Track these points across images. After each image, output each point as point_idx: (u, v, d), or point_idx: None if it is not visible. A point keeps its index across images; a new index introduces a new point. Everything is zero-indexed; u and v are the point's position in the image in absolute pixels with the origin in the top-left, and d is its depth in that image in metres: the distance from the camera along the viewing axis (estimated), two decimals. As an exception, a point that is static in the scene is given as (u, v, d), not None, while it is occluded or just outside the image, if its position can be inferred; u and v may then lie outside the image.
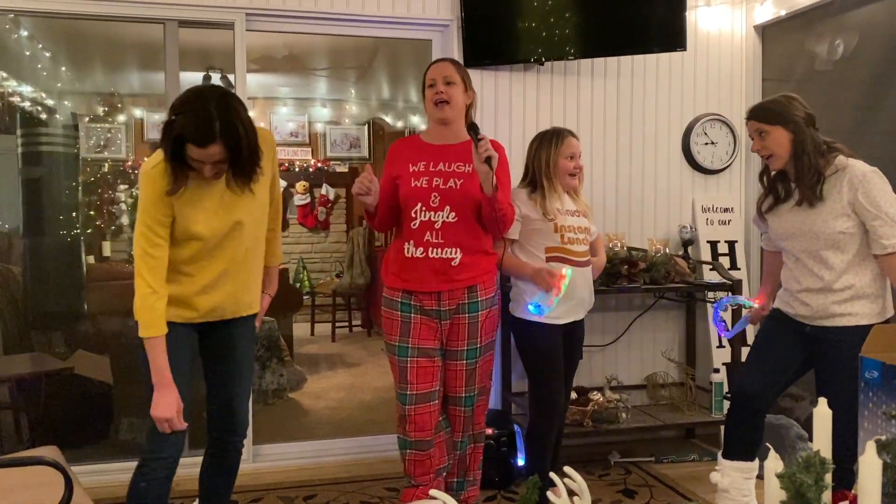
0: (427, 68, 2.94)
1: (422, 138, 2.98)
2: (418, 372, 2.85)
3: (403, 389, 2.85)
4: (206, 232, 2.28)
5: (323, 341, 7.21)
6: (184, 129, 2.10)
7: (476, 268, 2.86)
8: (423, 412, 2.86)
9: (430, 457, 2.91)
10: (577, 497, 1.28)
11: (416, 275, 2.82)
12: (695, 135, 4.12)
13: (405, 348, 2.85)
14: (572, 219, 3.04)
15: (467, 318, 2.87)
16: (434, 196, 2.80)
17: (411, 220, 2.80)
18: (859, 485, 1.10)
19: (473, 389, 2.93)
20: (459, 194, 2.80)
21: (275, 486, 3.49)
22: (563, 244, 2.99)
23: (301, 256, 8.15)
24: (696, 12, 4.08)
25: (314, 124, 8.20)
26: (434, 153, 2.87)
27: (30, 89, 5.00)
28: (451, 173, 2.83)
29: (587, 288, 3.07)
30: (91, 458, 3.63)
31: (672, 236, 4.12)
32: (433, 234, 2.80)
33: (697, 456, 3.84)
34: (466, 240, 2.83)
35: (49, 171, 4.71)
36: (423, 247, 2.80)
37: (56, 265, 4.66)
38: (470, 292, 2.86)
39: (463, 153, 2.85)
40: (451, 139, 2.91)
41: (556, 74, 3.96)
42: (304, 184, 8.04)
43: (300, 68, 6.57)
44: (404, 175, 2.84)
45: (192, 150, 2.12)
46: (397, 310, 2.87)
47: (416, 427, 2.85)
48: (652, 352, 4.14)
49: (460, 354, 2.89)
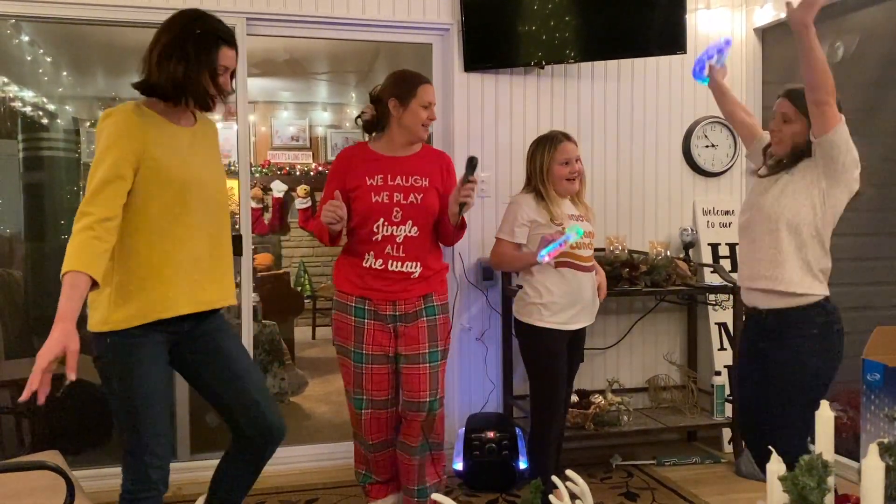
0: (416, 83, 2.85)
1: (371, 148, 2.92)
2: (374, 379, 2.87)
3: (359, 395, 2.89)
4: (183, 177, 2.09)
5: (324, 345, 7.20)
6: (218, 31, 2.12)
7: (432, 279, 2.90)
8: (379, 416, 2.91)
9: (391, 455, 2.98)
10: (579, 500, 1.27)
11: (375, 285, 2.83)
12: (695, 137, 4.12)
13: (360, 354, 2.86)
14: (578, 223, 3.03)
15: (426, 322, 2.87)
16: (396, 211, 2.80)
17: (373, 234, 2.80)
18: (862, 488, 1.10)
19: (436, 394, 2.88)
20: (421, 209, 2.82)
21: (276, 489, 3.48)
22: (570, 249, 2.97)
23: (302, 260, 8.15)
24: (695, 15, 4.09)
25: (315, 128, 8.21)
26: (389, 165, 2.85)
27: (31, 94, 5.01)
28: (411, 188, 2.82)
29: (593, 293, 3.05)
30: (92, 463, 3.63)
31: (673, 239, 4.12)
32: (394, 248, 2.81)
33: (699, 459, 3.83)
34: (425, 254, 2.87)
35: (50, 175, 4.72)
36: (383, 259, 2.81)
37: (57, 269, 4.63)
38: (425, 298, 2.88)
39: (417, 165, 2.87)
40: (404, 151, 2.89)
41: (557, 78, 3.96)
42: (305, 188, 8.03)
43: (301, 72, 6.58)
44: (362, 187, 2.81)
45: (226, 55, 2.12)
46: (350, 314, 2.86)
47: (373, 430, 2.92)
48: (653, 354, 4.13)
49: (423, 357, 2.86)
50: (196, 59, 2.08)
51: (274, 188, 7.91)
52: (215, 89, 2.13)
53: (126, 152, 2.00)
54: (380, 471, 3.03)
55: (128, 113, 2.06)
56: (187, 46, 2.07)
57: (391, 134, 2.88)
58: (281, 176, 7.97)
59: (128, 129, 2.03)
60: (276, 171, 7.97)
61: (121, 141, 2.01)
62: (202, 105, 2.15)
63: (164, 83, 2.08)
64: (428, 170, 2.87)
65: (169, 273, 2.07)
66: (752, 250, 2.56)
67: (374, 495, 3.05)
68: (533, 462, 3.13)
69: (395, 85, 2.87)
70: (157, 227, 2.06)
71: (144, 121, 2.07)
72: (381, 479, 3.04)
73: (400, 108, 2.82)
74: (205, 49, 2.09)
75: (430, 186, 2.85)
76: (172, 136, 2.13)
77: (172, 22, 2.13)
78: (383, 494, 3.05)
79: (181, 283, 2.09)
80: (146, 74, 2.11)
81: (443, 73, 3.91)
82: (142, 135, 2.04)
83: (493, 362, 3.85)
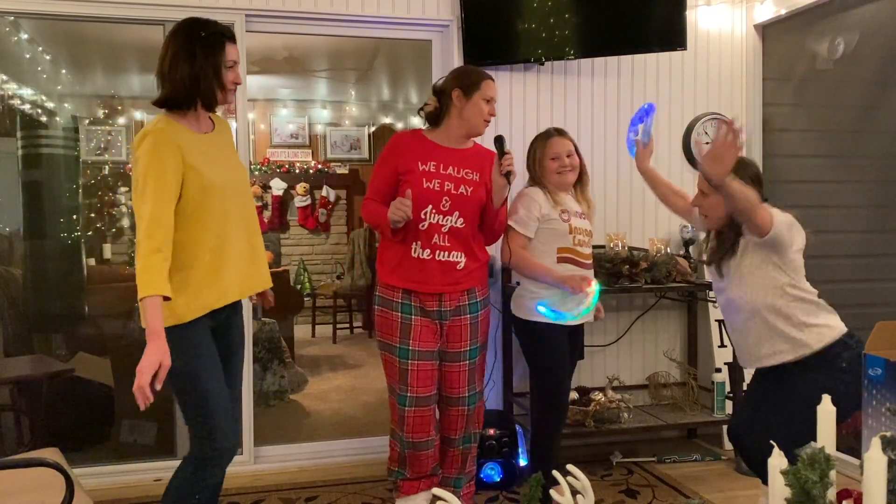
0: (482, 77, 2.87)
1: (427, 136, 2.95)
2: (419, 375, 2.86)
3: (403, 391, 2.87)
4: (220, 180, 2.25)
5: (324, 343, 7.20)
6: (221, 30, 2.26)
7: (476, 272, 2.94)
8: (421, 415, 2.88)
9: (428, 456, 2.95)
10: (581, 496, 1.27)
11: (422, 275, 2.84)
12: (695, 134, 4.12)
13: (406, 350, 2.85)
14: (580, 221, 3.08)
15: (469, 319, 2.92)
16: (445, 200, 2.82)
17: (420, 220, 2.81)
18: (864, 482, 1.09)
19: (475, 388, 2.96)
20: (470, 201, 2.86)
21: (276, 487, 3.48)
22: (573, 245, 3.02)
23: (302, 258, 8.14)
24: (696, 11, 4.08)
25: (314, 126, 8.20)
26: (443, 155, 2.88)
27: (30, 92, 5.00)
28: (462, 179, 2.86)
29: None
30: (92, 461, 3.62)
31: (673, 236, 4.12)
32: (441, 238, 2.83)
33: (700, 456, 3.83)
34: (470, 246, 2.90)
35: (49, 173, 4.71)
36: (430, 248, 2.83)
37: (57, 267, 4.66)
38: (469, 294, 2.92)
39: (471, 160, 2.90)
40: (459, 144, 2.93)
41: (557, 74, 3.95)
42: (304, 185, 8.03)
43: (300, 70, 6.58)
44: (414, 171, 2.83)
45: (231, 50, 2.26)
46: (397, 311, 2.87)
47: (415, 429, 2.88)
48: (654, 351, 4.13)
49: (463, 355, 2.92)
50: (204, 58, 2.22)
51: (273, 186, 7.91)
52: (223, 86, 2.27)
53: (169, 169, 2.15)
54: (415, 468, 2.97)
55: (162, 131, 2.19)
56: (195, 49, 2.21)
57: (449, 125, 2.91)
58: (280, 174, 7.97)
59: (166, 146, 2.16)
60: (276, 169, 7.97)
61: (162, 159, 2.15)
62: (209, 103, 2.29)
63: (178, 90, 2.22)
64: (479, 165, 2.91)
65: (222, 267, 2.25)
66: (743, 337, 2.57)
67: (406, 491, 3.01)
68: (536, 459, 3.13)
69: (461, 77, 2.91)
70: (209, 227, 2.23)
71: (177, 134, 2.21)
72: (414, 477, 3.00)
73: (463, 100, 2.86)
74: (211, 48, 2.23)
75: (479, 181, 2.89)
76: (200, 143, 2.27)
77: (175, 33, 2.27)
78: (414, 491, 3.00)
79: (232, 274, 2.28)
80: (162, 88, 2.26)
81: (442, 69, 3.89)
82: (177, 148, 2.17)
83: (493, 359, 3.85)
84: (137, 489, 3.45)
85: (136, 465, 3.61)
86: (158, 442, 3.86)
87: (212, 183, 2.22)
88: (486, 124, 2.91)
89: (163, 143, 2.16)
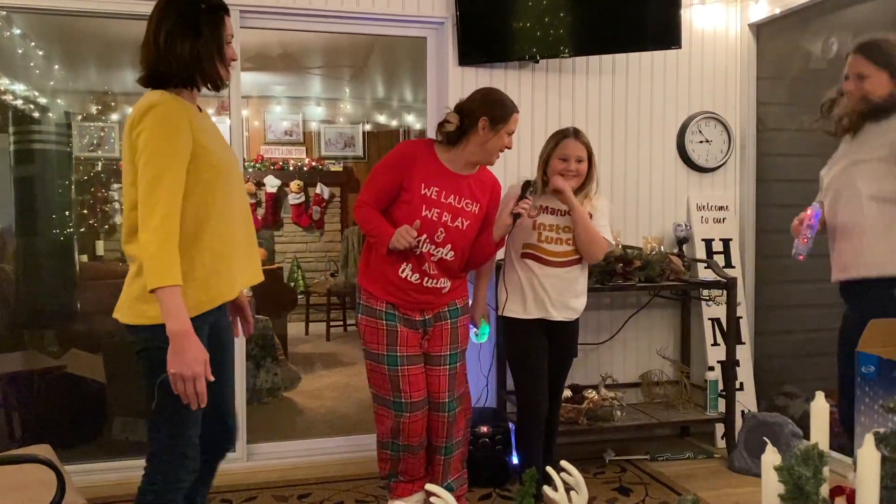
0: (511, 111, 2.81)
1: (438, 154, 2.87)
2: (412, 380, 2.88)
3: (398, 398, 2.87)
4: (223, 158, 2.06)
5: (317, 340, 7.19)
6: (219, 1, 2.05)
7: (458, 289, 3.00)
8: (416, 419, 2.90)
9: (421, 457, 2.97)
10: (574, 492, 1.27)
11: (406, 295, 2.86)
12: (690, 133, 4.12)
13: (395, 357, 2.86)
14: (552, 217, 3.02)
15: (449, 324, 2.96)
16: (441, 232, 2.82)
17: (414, 246, 2.78)
18: (858, 477, 1.10)
19: (455, 394, 2.96)
20: (464, 236, 2.86)
21: (269, 484, 3.47)
22: (537, 242, 2.99)
23: (295, 256, 8.13)
24: (690, 10, 4.08)
25: (309, 123, 8.19)
26: (448, 181, 2.84)
27: (22, 87, 4.98)
28: (461, 211, 2.84)
29: (564, 290, 3.01)
30: (84, 458, 3.61)
31: (667, 234, 4.12)
32: (430, 266, 2.85)
33: (692, 454, 3.83)
34: (456, 272, 2.93)
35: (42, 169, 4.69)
36: (420, 274, 2.84)
37: (49, 264, 4.64)
38: (450, 306, 2.98)
39: (474, 189, 2.89)
40: (467, 170, 2.90)
41: (551, 72, 3.95)
42: (298, 183, 8.02)
43: (295, 67, 6.56)
44: (415, 193, 2.79)
45: (230, 23, 2.08)
46: (381, 318, 2.88)
47: (411, 434, 2.90)
48: (647, 350, 4.13)
49: (443, 359, 2.94)
50: (210, 34, 2.02)
51: (267, 183, 7.89)
52: (225, 63, 2.09)
53: (183, 144, 1.94)
54: (410, 471, 2.99)
55: (171, 102, 1.96)
56: (200, 23, 2.00)
57: (464, 150, 2.84)
58: (274, 171, 7.95)
59: (179, 118, 1.95)
60: (270, 167, 7.95)
61: (177, 132, 1.93)
62: (214, 83, 2.08)
63: (179, 67, 1.99)
64: (480, 194, 2.90)
65: (230, 256, 2.06)
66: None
67: (399, 493, 3.02)
68: (521, 456, 3.16)
69: (491, 106, 2.81)
70: (217, 212, 2.03)
71: (185, 109, 2.00)
72: (406, 479, 3.01)
73: (490, 132, 2.79)
74: (214, 23, 2.03)
75: (478, 213, 2.88)
76: (204, 121, 2.08)
77: (169, 4, 2.03)
78: (408, 493, 3.01)
79: (237, 264, 2.09)
80: (155, 63, 2.01)
81: (437, 66, 3.90)
82: (189, 123, 1.97)
83: (487, 357, 3.85)
84: (129, 486, 3.41)
85: (128, 462, 3.58)
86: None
87: (221, 163, 2.03)
88: (497, 156, 2.89)
89: (175, 116, 1.94)
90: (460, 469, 3.07)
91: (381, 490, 3.34)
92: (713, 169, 4.19)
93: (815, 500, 1.11)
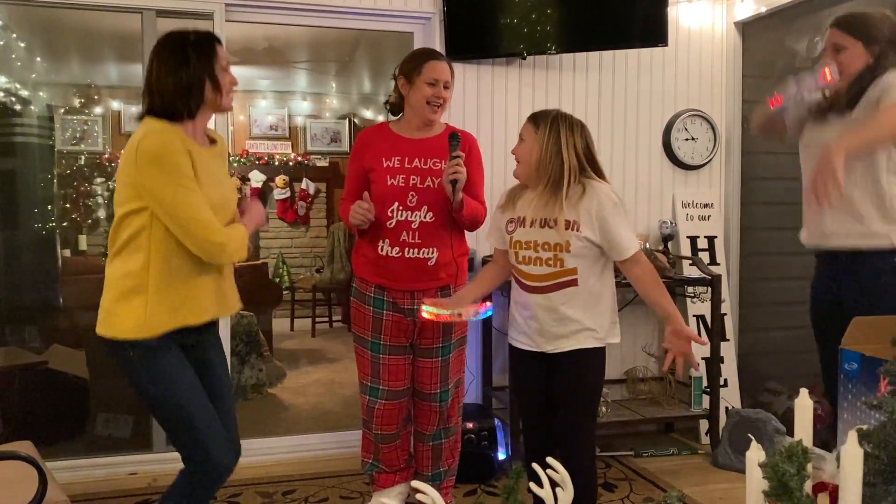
0: (421, 59, 2.77)
1: (392, 129, 2.86)
2: (390, 370, 2.86)
3: (375, 384, 2.87)
4: (217, 197, 2.14)
5: (303, 336, 7.17)
6: (208, 33, 2.17)
7: (451, 267, 2.84)
8: (391, 408, 2.89)
9: (398, 447, 2.97)
10: (560, 488, 1.27)
11: (392, 273, 2.79)
12: (675, 130, 4.14)
13: (378, 345, 2.85)
14: (529, 231, 2.43)
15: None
16: (412, 195, 2.74)
17: (387, 218, 2.75)
18: (841, 474, 1.10)
19: (447, 385, 2.92)
20: (437, 193, 2.73)
21: (254, 481, 3.46)
22: (515, 262, 2.48)
23: (280, 251, 8.09)
24: (677, 8, 4.09)
25: (294, 118, 8.15)
26: (408, 147, 2.79)
27: (4, 80, 4.92)
28: (428, 171, 2.75)
29: (550, 319, 2.43)
30: (66, 454, 3.58)
31: (652, 231, 4.14)
32: (410, 234, 2.75)
33: (676, 450, 3.85)
34: (443, 239, 2.79)
35: (23, 163, 4.65)
36: (399, 246, 2.75)
37: (31, 259, 4.60)
38: (442, 291, 2.85)
39: (437, 148, 2.78)
40: (423, 133, 2.83)
41: (538, 69, 3.95)
42: (283, 178, 7.98)
43: (280, 61, 6.53)
44: (378, 170, 2.76)
45: (221, 52, 2.16)
46: (369, 304, 2.85)
47: (384, 422, 2.89)
48: (632, 346, 4.15)
49: (435, 352, 2.89)
50: (198, 60, 2.10)
51: (252, 178, 7.85)
52: (219, 88, 2.15)
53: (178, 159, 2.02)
54: (388, 461, 2.99)
55: (165, 132, 2.05)
56: (188, 53, 2.10)
57: (407, 115, 2.84)
58: (259, 166, 7.91)
59: (183, 153, 2.03)
60: (255, 161, 7.91)
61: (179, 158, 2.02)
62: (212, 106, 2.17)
63: (171, 97, 2.08)
64: (448, 152, 2.70)
65: (202, 282, 2.15)
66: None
67: (381, 484, 3.01)
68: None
69: (403, 63, 2.81)
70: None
71: (182, 139, 2.07)
72: (388, 469, 3.00)
73: (407, 87, 2.76)
74: (203, 50, 2.12)
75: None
76: (202, 156, 2.12)
77: (163, 43, 2.13)
78: (390, 484, 3.00)
79: (211, 291, 2.18)
80: (151, 101, 2.11)
81: (424, 62, 3.89)
82: (188, 154, 2.05)
83: (473, 353, 3.84)
84: (112, 483, 3.41)
85: (111, 459, 3.57)
86: (134, 435, 3.82)
87: (209, 203, 2.08)
88: (436, 110, 2.76)
89: (172, 143, 2.02)
90: (452, 458, 3.04)
91: (365, 486, 3.34)
92: (699, 166, 4.21)
93: (799, 497, 1.11)
